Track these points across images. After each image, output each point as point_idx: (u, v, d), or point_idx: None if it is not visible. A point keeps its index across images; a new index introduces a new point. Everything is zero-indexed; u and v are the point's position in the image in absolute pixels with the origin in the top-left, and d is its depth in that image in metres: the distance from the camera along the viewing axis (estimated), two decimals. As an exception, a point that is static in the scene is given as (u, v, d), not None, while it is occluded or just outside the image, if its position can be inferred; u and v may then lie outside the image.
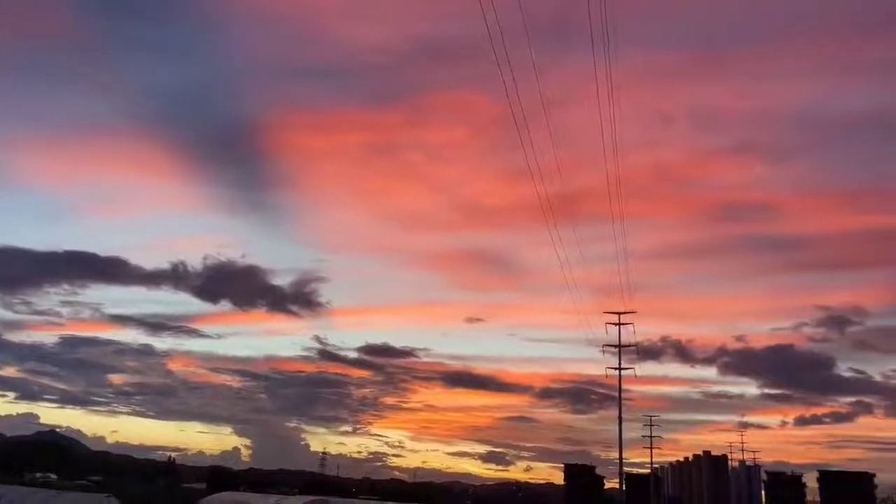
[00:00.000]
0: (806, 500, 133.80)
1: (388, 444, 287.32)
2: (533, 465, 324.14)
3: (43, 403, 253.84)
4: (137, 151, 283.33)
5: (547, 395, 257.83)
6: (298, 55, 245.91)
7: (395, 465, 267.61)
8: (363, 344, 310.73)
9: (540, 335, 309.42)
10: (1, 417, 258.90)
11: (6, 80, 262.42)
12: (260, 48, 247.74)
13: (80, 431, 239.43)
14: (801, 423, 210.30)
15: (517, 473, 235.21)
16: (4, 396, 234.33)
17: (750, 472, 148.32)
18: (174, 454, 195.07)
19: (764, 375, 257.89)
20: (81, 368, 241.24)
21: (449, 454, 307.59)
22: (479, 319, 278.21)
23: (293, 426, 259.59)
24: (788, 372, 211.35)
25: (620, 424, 67.07)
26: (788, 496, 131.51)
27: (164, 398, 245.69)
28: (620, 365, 67.92)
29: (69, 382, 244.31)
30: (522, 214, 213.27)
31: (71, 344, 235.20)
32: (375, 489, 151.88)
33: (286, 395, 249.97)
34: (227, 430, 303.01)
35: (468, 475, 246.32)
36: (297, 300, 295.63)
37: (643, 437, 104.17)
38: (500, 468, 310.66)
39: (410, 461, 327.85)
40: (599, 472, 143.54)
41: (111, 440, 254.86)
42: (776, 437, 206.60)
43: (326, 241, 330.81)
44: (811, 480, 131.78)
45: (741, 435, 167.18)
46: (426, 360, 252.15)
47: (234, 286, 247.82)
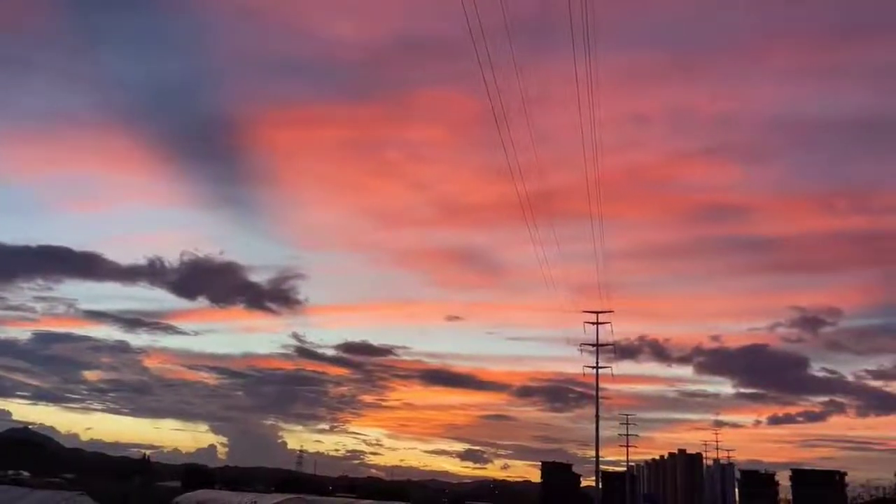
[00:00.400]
0: (778, 498, 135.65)
1: (365, 442, 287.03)
2: (510, 463, 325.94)
3: (15, 400, 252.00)
4: (114, 145, 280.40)
5: (525, 393, 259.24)
6: (277, 49, 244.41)
7: (372, 463, 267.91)
8: (341, 342, 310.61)
9: (518, 334, 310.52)
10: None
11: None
12: (238, 42, 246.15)
13: (53, 428, 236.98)
14: (774, 422, 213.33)
15: (494, 471, 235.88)
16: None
17: (724, 470, 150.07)
18: (149, 452, 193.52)
19: (739, 375, 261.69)
20: (55, 365, 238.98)
21: (426, 452, 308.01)
22: (457, 318, 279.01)
23: (270, 424, 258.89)
24: (763, 371, 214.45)
25: (597, 423, 67.56)
26: (761, 494, 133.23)
27: (139, 395, 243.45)
28: (598, 364, 68.37)
29: (42, 379, 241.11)
30: (502, 213, 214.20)
31: (44, 340, 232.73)
32: (353, 487, 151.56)
33: (263, 392, 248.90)
34: (203, 427, 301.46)
35: (445, 473, 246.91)
36: (275, 297, 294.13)
37: (619, 435, 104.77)
38: (477, 466, 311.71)
39: (388, 459, 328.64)
40: (576, 469, 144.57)
41: (85, 437, 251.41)
42: (750, 435, 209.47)
43: (305, 237, 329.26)
44: (784, 479, 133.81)
45: (716, 434, 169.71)
46: (405, 358, 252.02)
47: (211, 283, 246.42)
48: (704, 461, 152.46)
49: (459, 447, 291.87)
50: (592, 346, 68.59)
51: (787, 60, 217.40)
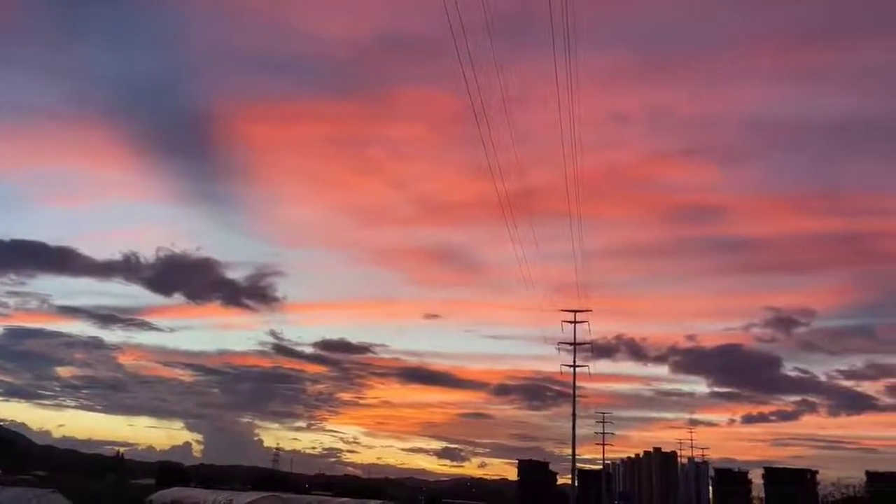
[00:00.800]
0: (751, 496, 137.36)
1: (342, 439, 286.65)
2: (487, 461, 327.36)
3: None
4: (90, 140, 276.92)
5: (502, 391, 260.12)
6: (257, 45, 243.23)
7: (349, 461, 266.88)
8: (319, 339, 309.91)
9: (497, 332, 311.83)
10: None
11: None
12: (218, 37, 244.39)
13: (24, 425, 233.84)
14: (748, 420, 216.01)
15: (471, 469, 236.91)
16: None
17: (698, 468, 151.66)
18: (122, 449, 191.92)
19: (714, 374, 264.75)
20: (28, 361, 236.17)
21: (404, 450, 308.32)
22: (436, 316, 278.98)
23: (246, 421, 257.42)
24: (737, 371, 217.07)
25: (574, 421, 67.92)
26: (735, 492, 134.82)
27: (113, 392, 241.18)
28: (575, 362, 68.71)
29: (14, 375, 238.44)
30: (481, 211, 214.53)
31: (17, 335, 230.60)
32: (329, 485, 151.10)
33: (240, 390, 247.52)
34: (178, 425, 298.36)
35: (423, 471, 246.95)
36: (252, 294, 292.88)
37: (596, 433, 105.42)
38: (454, 464, 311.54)
39: (365, 457, 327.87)
40: (552, 467, 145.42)
41: (57, 434, 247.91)
42: (724, 434, 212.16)
43: (283, 234, 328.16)
44: (757, 477, 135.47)
45: (691, 432, 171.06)
46: (383, 356, 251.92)
47: (187, 279, 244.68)
48: (679, 459, 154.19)
49: (437, 445, 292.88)
50: (570, 344, 68.96)
51: (766, 62, 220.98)
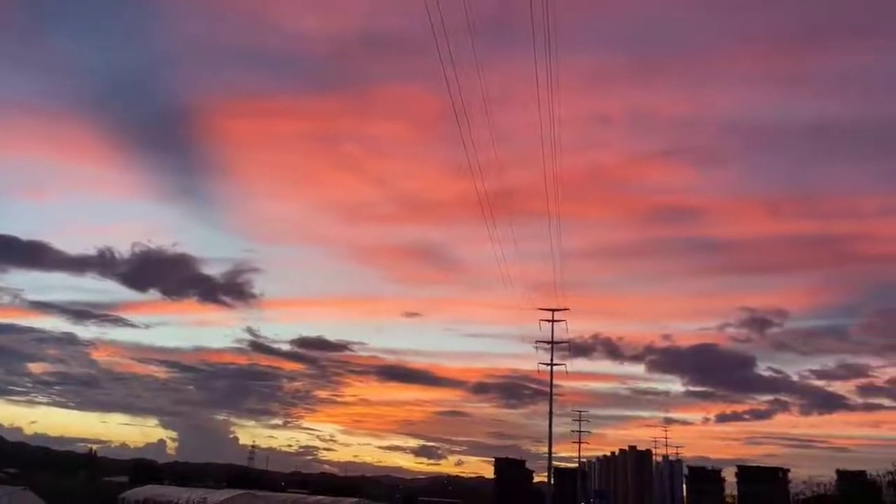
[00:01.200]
0: (724, 494, 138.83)
1: (319, 437, 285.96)
2: (464, 459, 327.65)
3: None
4: (65, 133, 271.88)
5: (480, 389, 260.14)
6: (236, 39, 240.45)
7: (325, 459, 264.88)
8: (297, 336, 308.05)
9: (475, 330, 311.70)
10: None
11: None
12: (196, 30, 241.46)
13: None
14: (722, 419, 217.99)
15: (448, 467, 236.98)
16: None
17: (672, 466, 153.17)
18: (95, 446, 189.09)
19: (689, 373, 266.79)
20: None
21: (381, 448, 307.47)
22: (415, 314, 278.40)
23: (222, 419, 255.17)
24: (712, 370, 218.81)
25: (551, 419, 68.25)
26: (708, 490, 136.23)
27: (86, 388, 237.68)
28: (552, 361, 69.07)
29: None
30: (461, 210, 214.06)
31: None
32: (305, 483, 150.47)
33: (215, 387, 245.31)
34: (152, 422, 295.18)
35: (399, 469, 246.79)
36: (229, 291, 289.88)
37: (572, 431, 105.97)
38: (431, 462, 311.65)
39: (342, 455, 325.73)
40: (529, 465, 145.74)
41: (29, 431, 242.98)
42: (699, 432, 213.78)
43: (261, 230, 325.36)
44: (730, 475, 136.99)
45: (665, 430, 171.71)
46: (361, 353, 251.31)
47: (163, 275, 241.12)
48: (654, 457, 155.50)
49: (414, 443, 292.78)
50: (548, 343, 69.25)
51: (745, 66, 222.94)
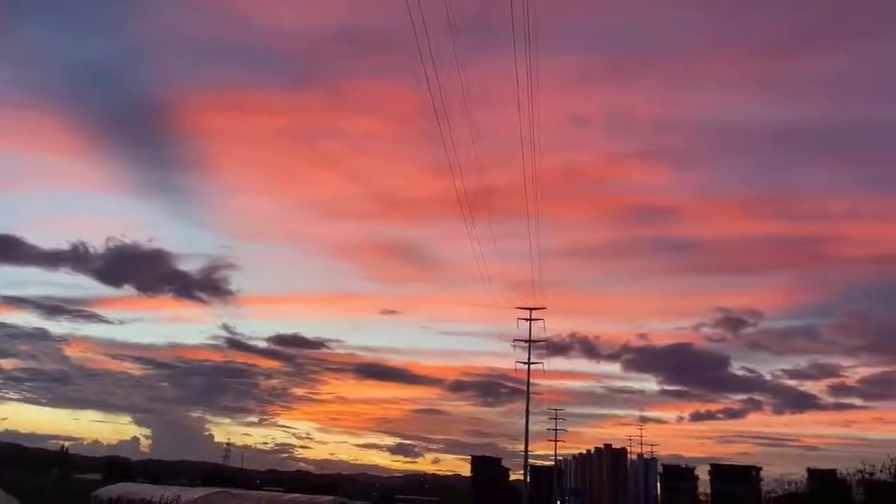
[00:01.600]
0: (697, 492, 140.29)
1: (295, 435, 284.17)
2: (441, 457, 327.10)
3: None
4: (37, 125, 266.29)
5: (458, 387, 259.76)
6: (214, 32, 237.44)
7: (301, 456, 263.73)
8: (273, 334, 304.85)
9: (453, 328, 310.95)
10: None
11: None
12: (173, 22, 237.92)
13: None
14: (696, 418, 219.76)
15: (425, 465, 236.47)
16: None
17: (647, 464, 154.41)
18: (67, 444, 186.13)
19: (664, 372, 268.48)
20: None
21: (357, 446, 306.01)
22: (393, 311, 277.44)
23: (197, 416, 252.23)
24: (687, 369, 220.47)
25: (527, 418, 68.66)
26: (682, 488, 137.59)
27: (58, 385, 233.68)
28: (530, 360, 69.41)
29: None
30: (440, 208, 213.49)
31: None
32: (280, 481, 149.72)
33: (190, 384, 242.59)
34: (125, 419, 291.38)
35: (376, 467, 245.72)
36: (205, 287, 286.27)
37: (549, 429, 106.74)
38: (408, 460, 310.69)
39: (318, 453, 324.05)
40: (505, 464, 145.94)
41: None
42: (673, 431, 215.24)
43: (238, 227, 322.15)
44: (703, 473, 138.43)
45: (640, 429, 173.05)
46: (338, 351, 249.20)
47: (138, 270, 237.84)
48: (629, 456, 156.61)
49: (390, 441, 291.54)
50: (525, 342, 69.64)
51: (721, 69, 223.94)
